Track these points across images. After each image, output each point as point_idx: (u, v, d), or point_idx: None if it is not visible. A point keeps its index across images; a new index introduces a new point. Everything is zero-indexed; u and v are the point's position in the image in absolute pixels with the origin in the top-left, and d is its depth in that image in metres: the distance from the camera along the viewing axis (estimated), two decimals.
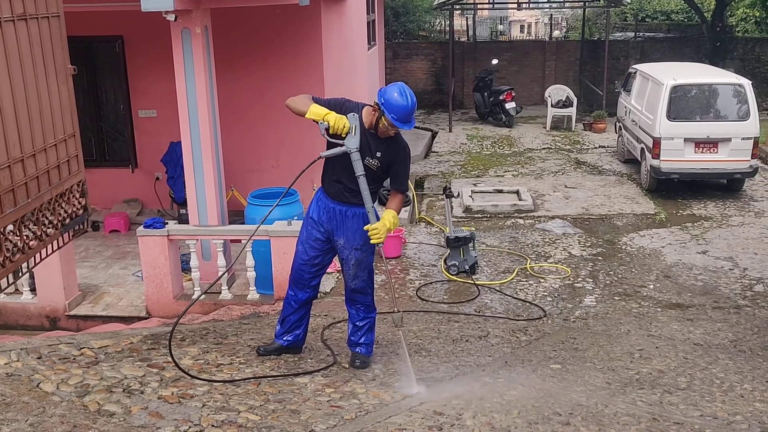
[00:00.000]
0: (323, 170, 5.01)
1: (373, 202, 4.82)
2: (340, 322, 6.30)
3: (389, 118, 4.63)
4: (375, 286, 5.30)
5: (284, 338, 5.24)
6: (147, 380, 4.16)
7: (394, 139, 4.84)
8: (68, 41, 4.44)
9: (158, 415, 3.63)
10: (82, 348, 4.59)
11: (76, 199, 5.04)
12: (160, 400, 3.85)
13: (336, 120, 4.59)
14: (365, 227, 4.75)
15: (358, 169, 4.64)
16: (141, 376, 4.21)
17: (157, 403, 3.80)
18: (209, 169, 7.74)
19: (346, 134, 4.62)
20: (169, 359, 4.61)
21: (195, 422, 3.60)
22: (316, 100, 4.76)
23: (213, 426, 3.58)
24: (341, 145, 4.65)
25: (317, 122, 4.64)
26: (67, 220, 4.86)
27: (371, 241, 4.73)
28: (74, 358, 4.40)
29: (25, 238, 3.83)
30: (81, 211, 5.17)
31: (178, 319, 4.71)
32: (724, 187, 12.18)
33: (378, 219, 4.74)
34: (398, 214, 4.89)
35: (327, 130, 4.63)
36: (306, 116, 4.66)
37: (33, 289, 7.89)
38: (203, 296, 7.66)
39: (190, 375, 4.36)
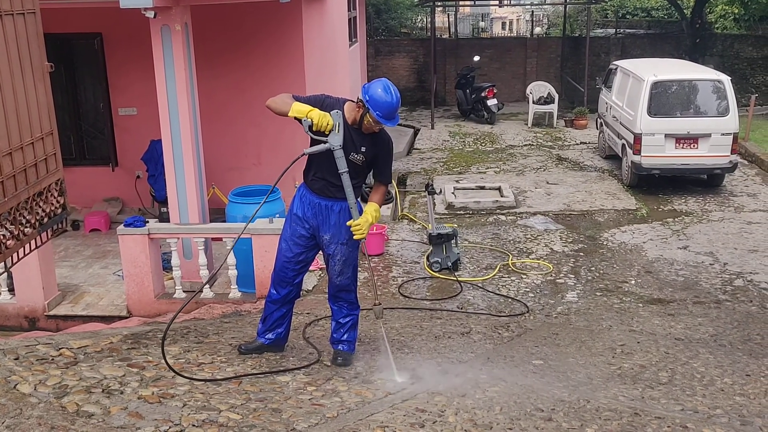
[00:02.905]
0: (306, 166, 4.99)
1: (357, 198, 4.82)
2: (321, 319, 6.28)
3: (374, 115, 4.62)
4: (358, 283, 5.28)
5: (266, 336, 5.21)
6: (127, 380, 4.12)
7: (379, 133, 4.84)
8: (45, 38, 4.38)
9: (138, 415, 3.60)
10: (60, 348, 4.54)
11: (55, 197, 4.99)
12: (140, 400, 3.81)
13: (320, 117, 4.57)
14: (348, 223, 4.75)
15: (342, 166, 4.64)
16: (121, 376, 4.17)
17: (137, 404, 3.76)
18: (190, 167, 7.68)
19: (330, 131, 4.60)
20: (150, 359, 4.58)
21: (175, 422, 3.57)
22: (297, 98, 4.73)
23: (194, 426, 3.55)
24: (325, 143, 4.63)
25: (300, 120, 4.62)
26: (45, 219, 4.81)
27: (354, 237, 4.73)
28: (52, 359, 4.35)
29: (1, 237, 3.78)
30: (59, 210, 5.12)
31: (173, 319, 4.65)
32: (705, 182, 12.27)
33: (360, 214, 4.74)
34: (380, 207, 4.90)
35: (310, 127, 4.60)
36: (288, 114, 4.63)
37: (11, 289, 7.80)
38: (184, 295, 7.61)
39: (175, 372, 4.32)
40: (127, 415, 3.58)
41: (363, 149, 4.79)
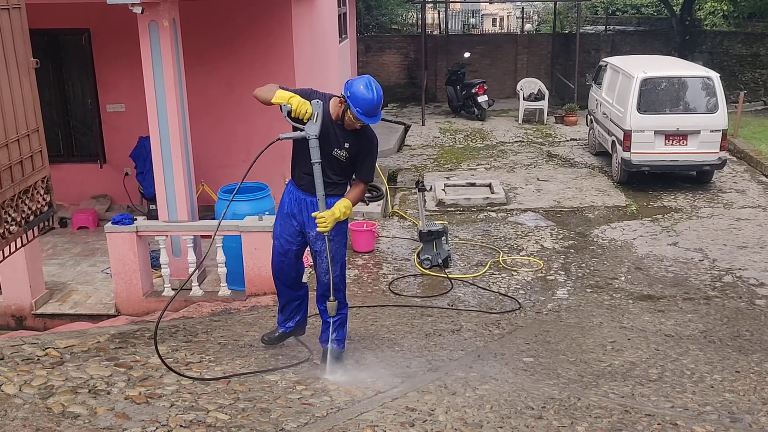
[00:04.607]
0: (292, 163, 5.00)
1: (343, 193, 4.84)
2: (311, 316, 6.23)
3: (354, 112, 4.60)
4: (348, 281, 5.27)
5: (286, 325, 5.36)
6: (114, 380, 4.07)
7: (362, 130, 4.83)
8: (33, 34, 4.33)
9: (125, 416, 3.55)
10: (46, 348, 4.49)
11: (41, 195, 4.94)
12: (127, 401, 3.76)
13: (299, 104, 4.57)
14: (313, 214, 4.76)
15: (315, 156, 4.63)
16: (107, 376, 4.12)
17: (123, 404, 3.71)
18: (178, 164, 7.62)
19: (308, 119, 4.60)
20: (138, 358, 4.54)
21: (162, 423, 3.52)
22: (283, 89, 4.73)
23: (181, 426, 3.51)
24: (302, 130, 4.63)
25: (281, 106, 4.62)
26: (32, 217, 4.77)
27: (317, 229, 4.71)
28: (38, 359, 4.29)
29: None
30: (46, 208, 5.07)
31: (161, 316, 4.59)
32: (694, 179, 12.29)
33: (329, 208, 4.72)
34: (354, 204, 4.88)
35: (289, 113, 4.61)
36: (272, 101, 4.65)
37: None
38: (173, 293, 7.55)
39: (168, 367, 4.27)
40: (113, 415, 3.54)
41: (346, 145, 4.79)
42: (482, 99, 17.62)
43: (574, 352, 5.99)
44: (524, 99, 17.65)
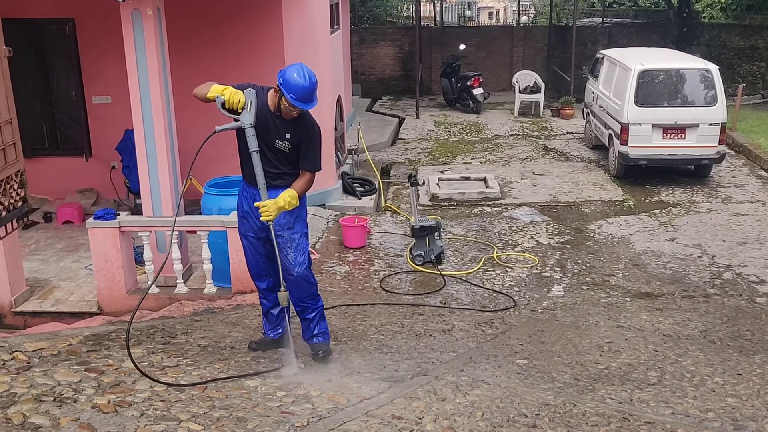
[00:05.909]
0: (240, 161, 4.92)
1: (290, 184, 4.78)
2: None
3: (288, 99, 4.55)
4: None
5: (276, 332, 5.22)
6: (82, 387, 3.84)
7: (302, 119, 4.77)
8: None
9: (90, 427, 3.32)
10: (13, 352, 4.25)
11: (14, 190, 4.74)
12: (94, 410, 3.53)
13: (231, 94, 4.55)
14: (255, 204, 4.67)
15: (252, 144, 4.59)
16: (76, 382, 3.89)
17: (90, 413, 3.48)
18: (163, 157, 7.39)
19: (242, 109, 4.56)
20: (111, 362, 4.32)
21: None
22: (218, 84, 4.69)
23: None
24: (237, 120, 4.58)
25: (216, 99, 4.58)
26: (4, 213, 4.57)
27: (261, 218, 4.62)
28: (3, 364, 4.06)
29: None
30: (20, 203, 4.87)
31: (131, 318, 4.38)
32: (692, 173, 12.09)
33: (272, 198, 4.64)
34: (301, 194, 4.80)
35: (223, 104, 4.57)
36: (208, 96, 4.62)
37: None
38: (157, 290, 7.33)
39: (142, 373, 4.05)
40: (77, 427, 3.31)
41: (287, 135, 4.75)
42: (477, 92, 17.40)
43: (570, 354, 5.78)
44: (520, 92, 17.42)
